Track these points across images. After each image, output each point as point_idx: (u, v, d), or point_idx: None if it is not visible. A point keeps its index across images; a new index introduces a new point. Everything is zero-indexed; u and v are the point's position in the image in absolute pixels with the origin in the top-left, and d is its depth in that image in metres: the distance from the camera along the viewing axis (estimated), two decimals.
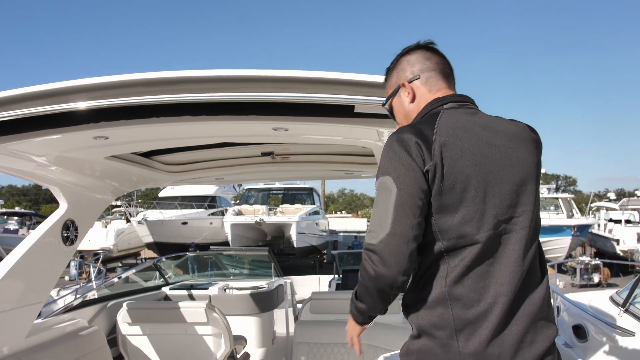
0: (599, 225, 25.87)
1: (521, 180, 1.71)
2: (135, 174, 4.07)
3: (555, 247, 20.40)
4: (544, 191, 25.84)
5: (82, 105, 2.36)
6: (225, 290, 6.04)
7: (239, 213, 24.48)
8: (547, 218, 22.02)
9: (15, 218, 30.89)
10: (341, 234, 29.93)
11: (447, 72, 1.95)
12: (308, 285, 7.59)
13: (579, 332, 4.92)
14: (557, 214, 23.77)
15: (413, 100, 1.93)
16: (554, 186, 31.58)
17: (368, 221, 40.53)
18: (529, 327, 1.62)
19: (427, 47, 1.96)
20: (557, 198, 25.00)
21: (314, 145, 4.03)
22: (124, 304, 4.40)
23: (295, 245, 22.85)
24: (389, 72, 2.04)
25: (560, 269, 18.25)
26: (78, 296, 5.17)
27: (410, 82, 1.93)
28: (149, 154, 3.99)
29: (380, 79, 2.17)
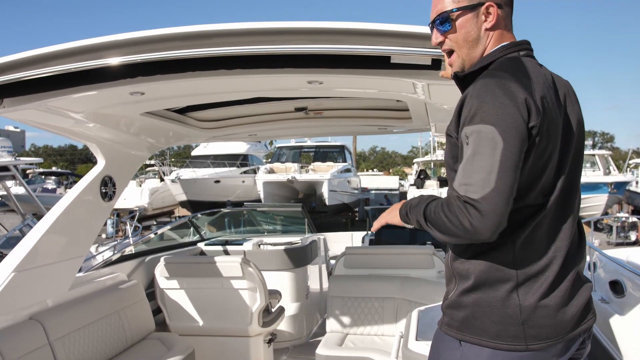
0: (637, 183, 25.24)
1: (580, 142, 1.76)
2: (170, 130, 4.10)
3: (592, 204, 20.04)
4: None
5: (118, 60, 2.36)
6: (259, 245, 6.12)
7: (271, 171, 24.62)
8: (584, 175, 21.57)
9: (53, 177, 31.71)
10: (373, 191, 29.88)
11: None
12: (341, 242, 7.63)
13: (616, 287, 4.84)
14: (594, 171, 23.23)
15: (492, 28, 1.72)
16: (591, 143, 30.79)
17: (401, 179, 40.42)
18: (576, 279, 1.68)
19: None
20: (593, 155, 24.38)
21: (347, 100, 3.97)
22: (161, 259, 4.50)
23: (327, 203, 22.95)
24: None
25: (596, 226, 17.97)
26: (116, 252, 5.31)
27: (499, 7, 1.72)
28: (183, 111, 4.00)
29: (416, 29, 2.11)
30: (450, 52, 1.80)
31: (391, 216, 1.90)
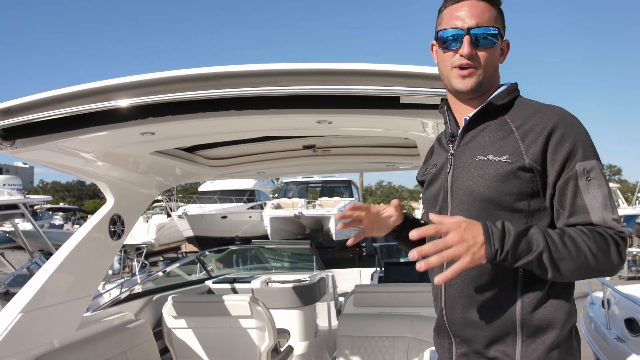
0: None
1: None
2: (179, 168, 4.12)
3: None
4: None
5: (129, 101, 2.39)
6: (267, 283, 6.07)
7: (278, 206, 24.63)
8: None
9: (61, 213, 31.83)
10: None
11: None
12: (349, 278, 7.56)
13: (632, 325, 4.76)
14: None
15: (501, 64, 1.74)
16: None
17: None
18: None
19: None
20: None
21: (356, 138, 3.99)
22: (169, 298, 4.46)
23: (334, 238, 22.85)
24: (500, 2, 1.71)
25: None
26: (124, 290, 5.27)
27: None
28: (192, 149, 4.03)
29: (425, 69, 2.13)
30: (469, 67, 1.66)
31: (476, 253, 1.39)
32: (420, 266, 1.37)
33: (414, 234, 1.40)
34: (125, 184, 3.80)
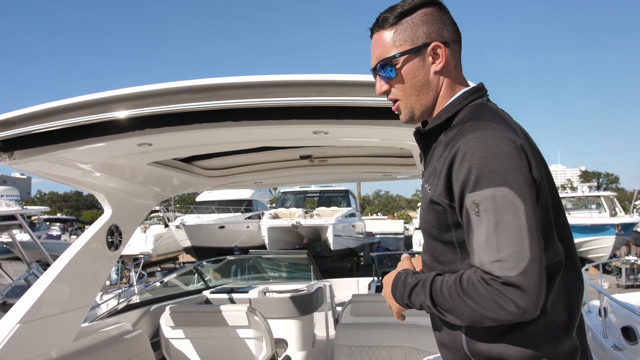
0: None
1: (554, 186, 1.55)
2: (177, 179, 4.14)
3: (599, 246, 19.83)
4: (585, 189, 25.17)
5: (127, 113, 2.41)
6: (265, 293, 6.07)
7: (276, 216, 24.62)
8: (589, 217, 21.44)
9: (58, 224, 31.74)
10: (378, 235, 29.78)
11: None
12: (347, 288, 7.56)
13: (629, 334, 4.77)
14: (600, 212, 23.10)
15: (442, 70, 1.53)
16: (595, 184, 30.69)
17: (405, 222, 40.19)
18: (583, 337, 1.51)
19: (447, 10, 1.59)
20: (598, 196, 24.30)
21: (352, 148, 4.02)
22: (167, 308, 4.46)
23: (332, 248, 22.84)
24: (402, 17, 1.53)
25: (605, 269, 17.74)
26: (121, 300, 5.27)
27: (446, 46, 1.53)
28: (189, 160, 4.05)
29: None
30: (395, 101, 1.61)
31: (393, 302, 1.62)
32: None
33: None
34: (123, 195, 3.81)
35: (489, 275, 1.29)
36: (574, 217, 21.19)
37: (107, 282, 13.94)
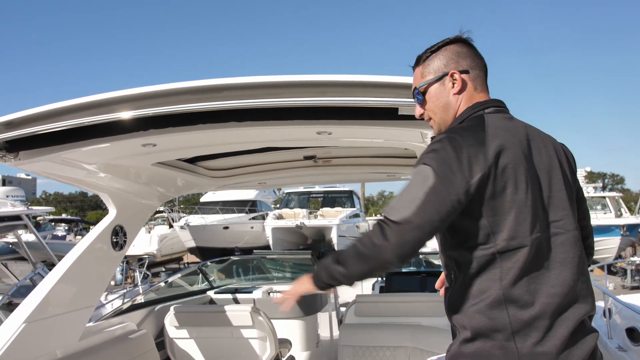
0: None
1: (561, 185, 1.77)
2: (181, 179, 4.15)
3: (604, 247, 19.76)
4: (590, 190, 25.06)
5: (131, 114, 2.43)
6: (269, 293, 6.07)
7: (280, 217, 24.64)
8: (595, 218, 21.34)
9: (63, 224, 31.80)
10: None
11: (486, 77, 1.96)
12: (351, 289, 7.55)
13: (633, 335, 4.76)
14: (605, 213, 23.00)
15: (460, 92, 1.88)
16: (601, 185, 30.56)
17: None
18: (577, 328, 1.65)
19: (473, 46, 1.95)
20: (604, 197, 24.19)
21: (356, 148, 4.03)
22: (171, 308, 4.48)
23: (336, 249, 22.81)
24: (431, 55, 1.94)
25: (610, 270, 17.69)
26: (126, 300, 5.28)
27: (461, 73, 1.88)
28: (193, 160, 4.06)
29: None
30: (430, 119, 1.98)
31: (302, 283, 1.92)
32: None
33: None
34: (127, 195, 3.82)
35: (380, 218, 1.69)
36: None
37: (112, 282, 13.97)
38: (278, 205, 30.02)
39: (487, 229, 1.65)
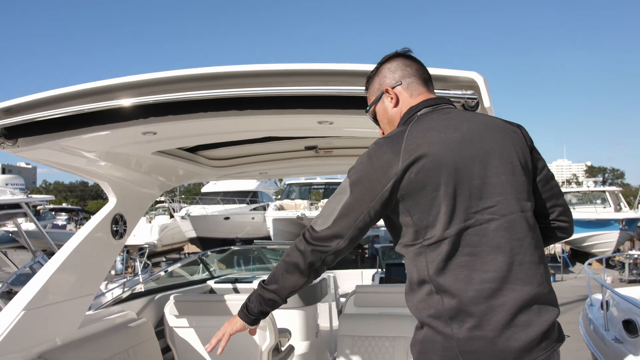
0: None
1: (499, 170, 1.80)
2: (181, 168, 4.14)
3: (602, 241, 19.82)
4: (590, 184, 25.05)
5: (131, 101, 2.41)
6: None
7: (281, 208, 24.66)
8: (594, 212, 21.38)
9: (63, 214, 31.86)
10: (382, 228, 29.71)
11: (425, 78, 2.07)
12: (351, 279, 7.57)
13: (630, 327, 4.77)
14: (604, 207, 23.02)
15: (396, 104, 2.04)
16: (601, 179, 30.51)
17: None
18: (519, 312, 1.68)
19: (406, 55, 2.08)
20: (603, 191, 24.20)
21: (357, 139, 4.01)
22: (171, 297, 4.49)
23: None
24: (369, 80, 2.12)
25: (608, 263, 17.72)
26: (126, 289, 5.30)
27: (393, 87, 2.04)
28: (194, 149, 4.05)
29: (430, 71, 2.16)
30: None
31: (232, 326, 2.13)
32: None
33: None
34: (128, 184, 3.82)
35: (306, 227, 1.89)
36: (579, 212, 21.16)
37: (112, 272, 14.03)
38: (279, 197, 30.03)
39: (413, 226, 1.79)
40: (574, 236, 20.72)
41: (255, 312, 2.02)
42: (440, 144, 1.77)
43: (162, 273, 6.24)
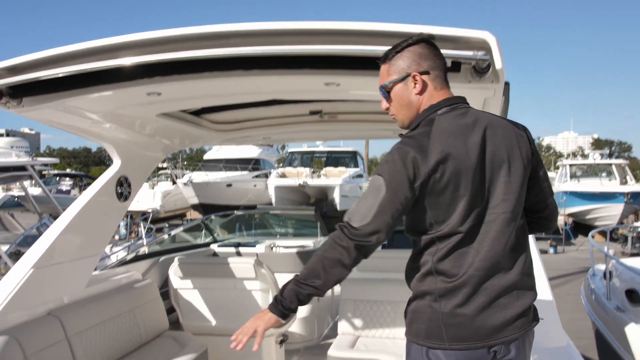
0: None
1: (505, 173, 1.99)
2: (185, 131, 4.12)
3: (607, 214, 19.79)
4: (596, 156, 24.90)
5: (136, 60, 2.39)
6: (272, 248, 6.13)
7: (283, 175, 24.67)
8: (599, 184, 21.33)
9: (67, 179, 31.98)
10: None
11: (446, 74, 2.12)
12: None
13: (632, 296, 4.81)
14: (610, 180, 22.93)
15: (420, 92, 2.06)
16: (607, 152, 30.28)
17: None
18: (500, 296, 1.95)
19: (434, 45, 2.09)
20: (610, 164, 24.05)
21: (363, 104, 3.97)
22: (175, 259, 4.53)
23: (338, 208, 22.91)
24: (393, 55, 2.09)
25: (611, 237, 17.76)
26: (130, 252, 5.35)
27: (421, 74, 2.05)
28: (198, 113, 4.03)
29: (437, 30, 2.12)
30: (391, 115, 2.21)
31: (265, 322, 2.10)
32: None
33: None
34: (132, 146, 3.81)
35: (342, 223, 1.99)
36: (583, 184, 21.09)
37: (117, 237, 14.14)
38: (281, 164, 30.02)
39: (430, 219, 1.97)
40: (578, 208, 20.81)
41: (292, 307, 2.07)
42: (462, 147, 1.93)
43: (166, 236, 6.28)
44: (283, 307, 2.07)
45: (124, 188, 3.81)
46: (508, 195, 1.98)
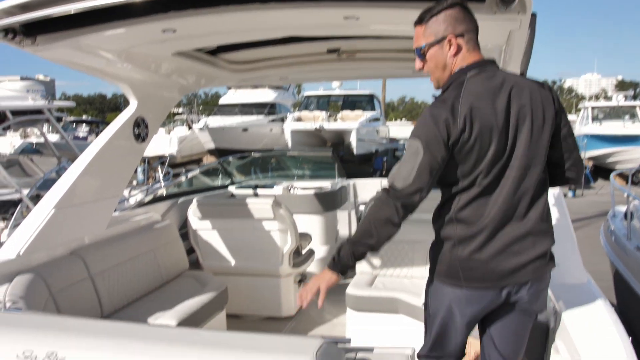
0: None
1: (528, 131, 2.10)
2: (201, 71, 4.06)
3: (629, 157, 19.44)
4: (620, 98, 24.24)
5: None
6: (289, 189, 6.15)
7: (299, 119, 24.47)
8: (622, 127, 20.90)
9: (84, 125, 32.15)
10: (402, 141, 29.55)
11: (477, 36, 2.20)
12: (370, 188, 7.59)
13: None
14: (633, 122, 22.40)
15: (456, 54, 2.15)
16: (632, 93, 29.39)
17: None
18: (514, 242, 2.12)
19: (468, 9, 2.15)
20: (634, 106, 23.39)
21: (381, 41, 3.86)
22: (194, 200, 4.56)
23: (355, 152, 22.78)
24: (428, 17, 2.15)
25: (633, 181, 17.54)
26: (149, 194, 5.39)
27: (457, 37, 2.13)
28: (214, 52, 3.95)
29: None
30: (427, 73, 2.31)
31: (326, 281, 2.27)
32: None
33: None
34: (148, 87, 3.77)
35: (385, 187, 2.17)
36: (605, 127, 20.68)
37: (135, 182, 14.28)
38: (297, 108, 29.77)
39: (458, 174, 2.13)
40: (599, 151, 20.45)
41: (350, 264, 2.24)
42: (489, 108, 2.05)
43: (184, 178, 6.32)
44: (342, 265, 2.24)
45: (141, 129, 3.79)
46: (529, 152, 2.11)
